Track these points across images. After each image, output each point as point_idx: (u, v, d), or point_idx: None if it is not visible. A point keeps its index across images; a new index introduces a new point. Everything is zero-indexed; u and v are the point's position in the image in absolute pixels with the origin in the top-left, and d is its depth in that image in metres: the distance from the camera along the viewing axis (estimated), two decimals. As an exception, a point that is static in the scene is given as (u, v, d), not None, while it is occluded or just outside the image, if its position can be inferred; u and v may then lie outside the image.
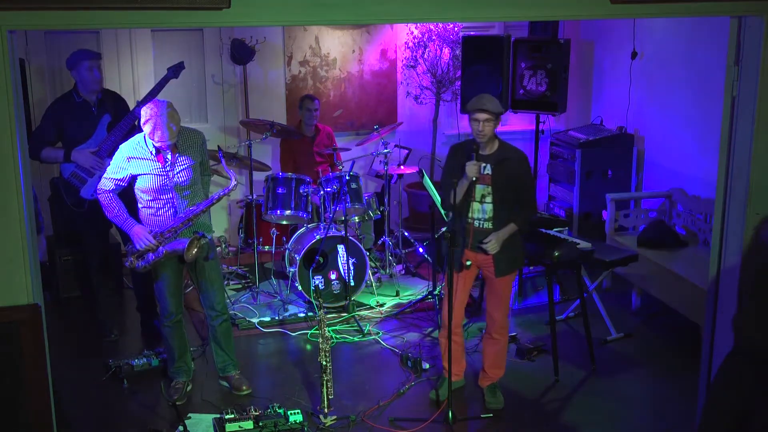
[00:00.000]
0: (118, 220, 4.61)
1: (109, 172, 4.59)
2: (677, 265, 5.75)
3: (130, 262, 4.62)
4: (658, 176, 6.98)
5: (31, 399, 3.54)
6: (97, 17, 3.33)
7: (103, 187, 4.60)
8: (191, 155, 4.60)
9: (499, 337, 4.70)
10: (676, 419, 4.64)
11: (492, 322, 4.68)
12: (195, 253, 4.53)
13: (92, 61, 5.26)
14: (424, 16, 3.82)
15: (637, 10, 3.94)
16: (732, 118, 3.97)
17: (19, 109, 3.45)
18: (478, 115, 4.31)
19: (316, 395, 4.78)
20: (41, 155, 5.26)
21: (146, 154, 4.51)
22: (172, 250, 4.54)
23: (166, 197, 4.57)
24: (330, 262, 6.13)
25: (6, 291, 3.47)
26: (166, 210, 4.59)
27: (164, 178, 4.52)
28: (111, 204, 4.60)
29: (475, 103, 4.34)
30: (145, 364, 5.14)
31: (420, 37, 7.57)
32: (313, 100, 6.96)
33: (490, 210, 4.43)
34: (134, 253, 4.60)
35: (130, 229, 4.57)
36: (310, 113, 6.93)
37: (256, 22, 3.72)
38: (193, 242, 4.51)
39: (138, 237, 4.55)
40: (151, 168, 4.51)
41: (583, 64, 7.92)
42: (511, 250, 4.52)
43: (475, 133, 4.36)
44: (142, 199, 4.60)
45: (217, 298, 4.82)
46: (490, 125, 4.33)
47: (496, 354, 4.75)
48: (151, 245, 4.54)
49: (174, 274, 4.71)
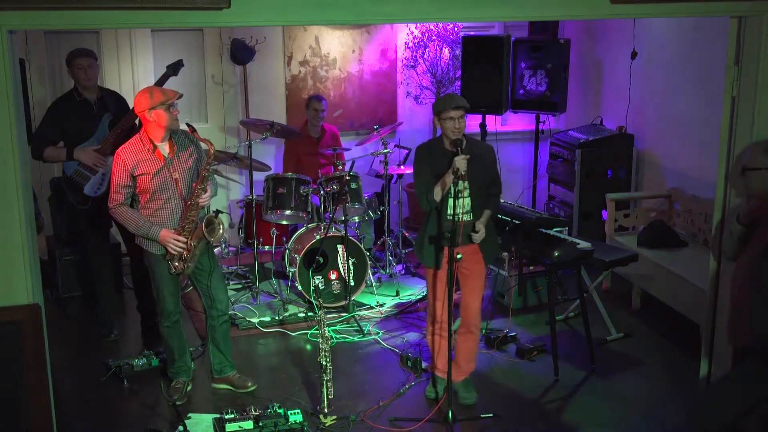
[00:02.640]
0: (142, 231, 4.52)
1: (115, 185, 4.48)
2: (677, 265, 5.75)
3: (176, 267, 4.58)
4: (658, 176, 6.99)
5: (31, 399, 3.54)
6: (97, 17, 3.34)
7: (115, 202, 4.49)
8: (185, 150, 4.59)
9: (475, 330, 4.76)
10: (676, 419, 4.64)
11: (469, 313, 4.71)
12: (221, 233, 4.56)
13: (83, 60, 5.27)
14: (424, 16, 3.82)
15: (637, 10, 3.94)
16: (732, 118, 3.98)
17: (19, 109, 3.45)
18: (453, 112, 4.39)
19: (316, 395, 4.78)
20: (44, 155, 5.27)
21: (144, 153, 4.48)
22: (198, 240, 4.55)
23: (165, 196, 4.55)
24: (330, 262, 6.13)
25: (6, 291, 3.47)
26: (163, 209, 4.56)
27: (164, 177, 4.51)
28: (129, 216, 4.51)
29: (450, 102, 4.42)
30: (145, 364, 5.14)
31: (420, 37, 7.57)
32: (321, 100, 6.95)
33: (468, 204, 4.52)
34: (174, 259, 4.58)
35: (156, 236, 4.52)
36: (317, 113, 6.92)
37: (256, 22, 3.72)
38: (212, 221, 4.53)
39: (166, 241, 4.52)
40: (150, 167, 4.48)
41: (583, 64, 7.92)
42: (491, 237, 4.68)
43: (451, 130, 4.42)
44: (139, 201, 4.57)
45: (220, 298, 4.83)
46: (464, 121, 4.44)
47: (471, 348, 4.79)
48: (182, 244, 4.54)
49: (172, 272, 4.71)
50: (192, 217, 4.56)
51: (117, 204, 4.50)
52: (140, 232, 4.54)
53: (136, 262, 5.60)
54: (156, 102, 4.40)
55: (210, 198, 4.63)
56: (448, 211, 4.49)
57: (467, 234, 4.52)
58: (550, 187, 7.59)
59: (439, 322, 4.69)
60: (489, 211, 4.60)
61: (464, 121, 4.44)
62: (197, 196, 4.54)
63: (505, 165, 7.87)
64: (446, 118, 4.40)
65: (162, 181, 4.51)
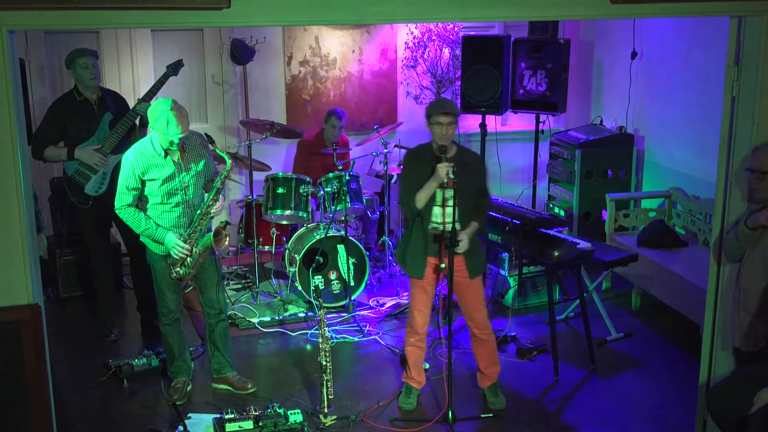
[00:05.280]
0: (148, 233, 4.52)
1: (123, 187, 4.47)
2: (677, 265, 5.75)
3: (175, 273, 4.59)
4: (658, 176, 6.99)
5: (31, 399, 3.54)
6: (97, 17, 3.33)
7: (122, 203, 4.48)
8: (196, 156, 4.60)
9: (486, 336, 4.70)
10: (676, 419, 4.64)
11: (475, 324, 4.67)
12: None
13: (87, 59, 5.28)
14: (424, 16, 3.82)
15: (637, 10, 3.94)
16: (732, 118, 3.97)
17: (19, 109, 3.45)
18: (442, 118, 4.32)
19: (316, 395, 4.78)
20: (44, 155, 5.28)
21: (155, 158, 4.46)
22: (203, 247, 4.56)
23: (173, 201, 4.55)
24: (330, 262, 6.13)
25: (6, 291, 3.47)
26: (170, 213, 4.56)
27: (174, 182, 4.50)
28: (136, 218, 4.50)
29: (438, 107, 4.37)
30: (145, 364, 5.14)
31: (420, 37, 7.57)
32: (341, 117, 6.82)
33: (455, 213, 4.40)
34: (176, 264, 4.58)
35: (162, 238, 4.52)
36: (335, 129, 6.83)
37: (256, 22, 3.72)
38: (220, 232, 4.54)
39: (173, 246, 4.52)
40: (161, 171, 4.47)
41: (583, 64, 7.92)
42: (479, 252, 4.60)
43: (439, 135, 4.37)
44: (146, 202, 4.56)
45: (218, 297, 4.83)
46: (453, 127, 4.36)
47: (489, 353, 4.76)
48: (186, 251, 4.54)
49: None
50: (200, 226, 4.58)
51: (124, 205, 4.49)
52: (146, 234, 4.54)
53: (136, 262, 5.60)
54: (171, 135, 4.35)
55: (222, 208, 4.66)
56: (433, 219, 4.46)
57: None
58: (550, 187, 7.59)
59: (418, 334, 4.66)
60: (476, 224, 4.48)
61: (453, 128, 4.36)
62: (209, 206, 4.57)
63: (505, 165, 7.88)
64: (435, 123, 4.35)
65: (171, 186, 4.51)
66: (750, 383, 3.55)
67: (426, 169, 4.37)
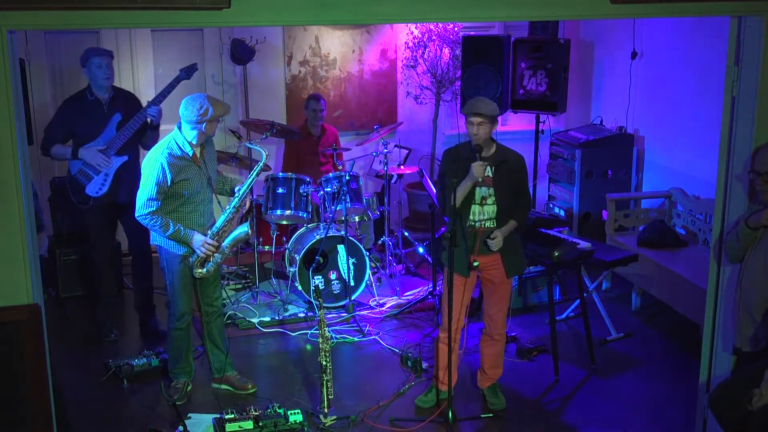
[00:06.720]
0: (176, 236, 4.50)
1: (152, 193, 4.39)
2: (677, 265, 5.75)
3: (199, 272, 4.60)
4: (658, 176, 6.99)
5: (31, 399, 3.54)
6: (97, 17, 3.33)
7: (149, 209, 4.41)
8: (210, 152, 4.66)
9: (499, 338, 4.70)
10: (676, 419, 4.64)
11: (493, 324, 4.66)
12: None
13: (101, 58, 5.28)
14: (424, 16, 3.82)
15: (637, 10, 3.94)
16: (732, 118, 3.97)
17: (19, 109, 3.45)
18: (473, 118, 4.34)
19: (316, 395, 4.78)
20: (51, 152, 5.30)
21: (183, 158, 4.46)
22: (233, 240, 4.58)
23: (200, 197, 4.56)
24: (330, 262, 6.13)
25: (6, 291, 3.47)
26: (194, 212, 4.57)
27: (201, 180, 4.54)
28: (163, 223, 4.44)
29: (470, 107, 4.37)
30: (145, 364, 5.14)
31: (420, 37, 7.56)
32: (319, 100, 6.94)
33: (492, 212, 4.43)
34: (197, 261, 4.58)
35: (190, 239, 4.52)
36: (315, 113, 6.92)
37: (256, 22, 3.72)
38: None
39: (198, 245, 4.53)
40: (190, 171, 4.49)
41: (583, 64, 7.92)
42: (517, 251, 4.57)
43: (471, 135, 4.40)
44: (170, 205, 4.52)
45: (215, 294, 4.84)
46: (484, 128, 4.35)
47: (497, 354, 4.75)
48: (213, 248, 4.55)
49: (189, 269, 4.66)
50: (228, 227, 4.62)
51: (150, 212, 4.42)
52: (173, 237, 4.50)
53: (138, 263, 5.61)
54: (217, 114, 4.43)
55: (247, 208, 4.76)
56: (471, 218, 4.46)
57: (483, 242, 4.46)
58: (550, 187, 7.59)
59: (452, 330, 4.58)
60: (513, 222, 4.47)
61: (485, 128, 4.34)
62: (237, 208, 4.62)
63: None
64: (467, 123, 4.38)
65: (200, 184, 4.54)
66: (752, 383, 3.55)
67: (464, 167, 4.39)
